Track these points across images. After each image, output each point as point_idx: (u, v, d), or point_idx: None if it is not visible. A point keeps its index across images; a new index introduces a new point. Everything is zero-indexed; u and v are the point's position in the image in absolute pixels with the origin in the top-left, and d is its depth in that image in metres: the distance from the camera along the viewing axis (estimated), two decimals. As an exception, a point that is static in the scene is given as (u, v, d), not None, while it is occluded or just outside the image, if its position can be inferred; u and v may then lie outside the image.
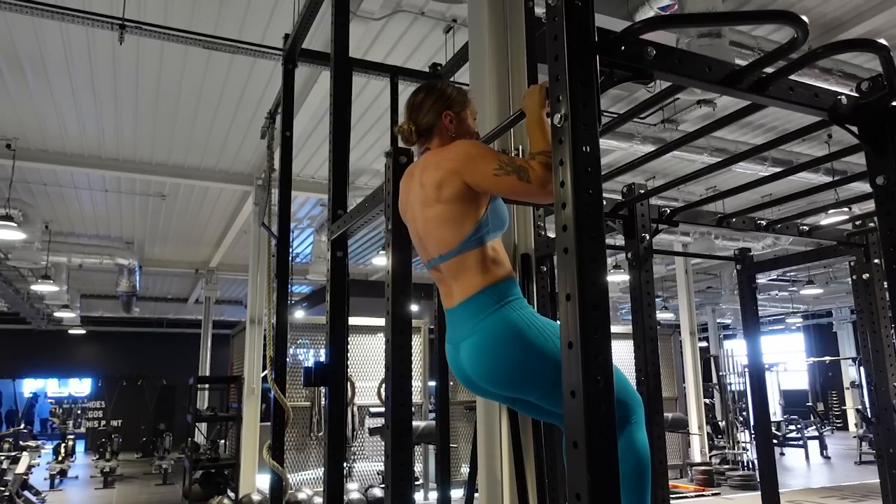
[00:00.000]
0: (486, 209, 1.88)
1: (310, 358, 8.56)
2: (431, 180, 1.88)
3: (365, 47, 5.57)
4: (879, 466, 2.76)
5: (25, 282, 12.75)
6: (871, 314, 2.89)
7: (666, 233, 9.08)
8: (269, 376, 3.71)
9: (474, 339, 1.83)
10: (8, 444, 8.54)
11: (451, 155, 1.88)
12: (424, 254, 2.00)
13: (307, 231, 11.32)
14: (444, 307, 1.98)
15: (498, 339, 1.79)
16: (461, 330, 1.89)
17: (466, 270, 1.86)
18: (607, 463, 1.13)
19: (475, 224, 1.85)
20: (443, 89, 2.07)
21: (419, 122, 2.03)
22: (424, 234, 1.94)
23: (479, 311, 1.83)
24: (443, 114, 2.00)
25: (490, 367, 1.81)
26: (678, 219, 2.83)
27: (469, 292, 1.86)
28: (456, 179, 1.83)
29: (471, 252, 1.86)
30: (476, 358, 1.83)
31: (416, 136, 2.04)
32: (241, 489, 7.94)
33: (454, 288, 1.91)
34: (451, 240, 1.87)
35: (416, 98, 2.07)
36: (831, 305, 19.38)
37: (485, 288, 1.84)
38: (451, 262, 1.88)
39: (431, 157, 1.95)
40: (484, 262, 1.86)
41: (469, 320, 1.85)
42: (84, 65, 5.91)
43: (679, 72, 1.49)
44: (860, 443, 11.84)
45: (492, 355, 1.80)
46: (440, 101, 2.02)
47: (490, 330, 1.80)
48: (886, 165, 1.60)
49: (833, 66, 5.25)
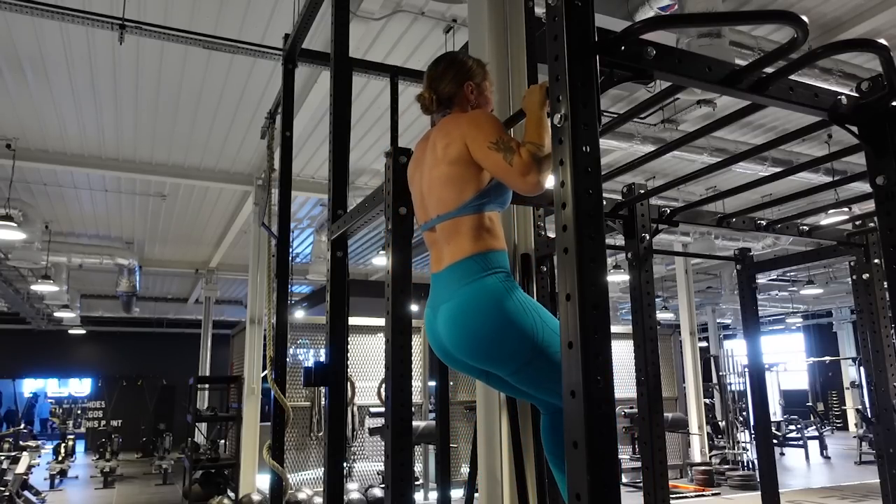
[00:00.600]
0: (490, 180, 1.88)
1: (310, 358, 8.56)
2: (442, 142, 1.91)
3: (365, 47, 5.57)
4: (879, 466, 2.76)
5: (25, 282, 12.75)
6: (871, 314, 2.89)
7: (666, 233, 9.08)
8: (269, 376, 3.71)
9: (454, 302, 1.82)
10: (8, 444, 8.53)
11: (464, 120, 1.91)
12: (423, 214, 2.00)
13: (307, 231, 11.32)
14: (432, 271, 1.98)
15: (477, 306, 1.77)
16: (443, 293, 1.88)
17: (460, 234, 1.86)
18: (607, 463, 1.13)
19: (477, 190, 1.86)
20: (464, 60, 2.09)
21: (440, 91, 2.05)
22: (427, 193, 1.95)
23: (464, 275, 1.82)
24: (464, 84, 2.03)
25: (465, 334, 1.79)
26: (678, 219, 2.83)
27: (458, 256, 1.85)
28: (461, 143, 1.86)
29: (468, 217, 1.86)
30: (452, 322, 1.82)
31: (435, 104, 2.06)
32: (241, 489, 7.94)
33: (445, 251, 1.90)
34: (452, 201, 1.88)
35: (437, 68, 2.08)
36: (831, 305, 19.38)
37: (474, 254, 1.83)
38: (448, 223, 1.89)
39: (449, 121, 1.97)
40: (479, 230, 1.86)
41: (452, 284, 1.84)
42: (84, 65, 5.91)
43: (679, 72, 1.49)
44: (860, 443, 11.84)
45: (468, 321, 1.78)
46: (462, 72, 2.05)
47: (471, 295, 1.79)
48: (886, 165, 1.60)
49: (833, 66, 5.25)
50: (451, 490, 3.17)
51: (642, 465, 2.63)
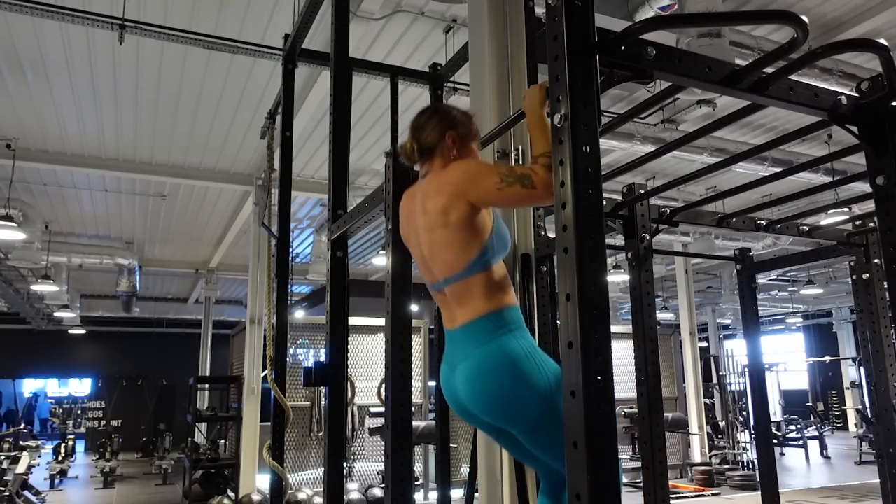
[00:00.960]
0: (491, 233, 1.87)
1: (310, 358, 8.56)
2: (435, 206, 1.87)
3: (365, 47, 5.57)
4: (879, 466, 2.76)
5: (25, 282, 12.75)
6: (871, 314, 2.89)
7: (666, 233, 9.08)
8: (269, 376, 3.71)
9: (470, 363, 1.82)
10: (8, 444, 8.53)
11: (452, 178, 1.87)
12: (429, 276, 1.99)
13: (307, 231, 11.32)
14: (445, 328, 1.97)
15: (494, 366, 1.78)
16: (459, 353, 1.88)
17: (471, 295, 1.86)
18: (607, 463, 1.13)
19: (481, 248, 1.85)
20: (448, 110, 2.07)
21: (422, 141, 2.02)
22: (430, 258, 1.94)
23: (479, 336, 1.82)
24: (446, 133, 1.99)
25: (482, 393, 1.80)
26: (678, 219, 2.83)
27: (471, 316, 1.85)
28: (461, 202, 1.82)
29: (476, 276, 1.85)
30: (470, 382, 1.82)
31: (417, 154, 2.03)
32: (241, 489, 7.94)
33: (457, 312, 1.90)
34: (457, 263, 1.86)
35: (420, 118, 2.07)
36: (831, 305, 19.38)
37: (487, 313, 1.83)
38: (456, 285, 1.88)
39: (433, 182, 1.94)
40: (489, 287, 1.85)
41: (468, 344, 1.84)
42: (84, 65, 5.91)
43: (679, 72, 1.49)
44: (860, 443, 11.83)
45: (485, 381, 1.79)
46: (444, 121, 2.02)
47: (488, 356, 1.79)
48: (886, 165, 1.60)
49: (833, 66, 5.25)
50: (451, 490, 3.17)
51: (642, 465, 2.63)
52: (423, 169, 2.04)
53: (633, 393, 2.80)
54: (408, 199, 2.05)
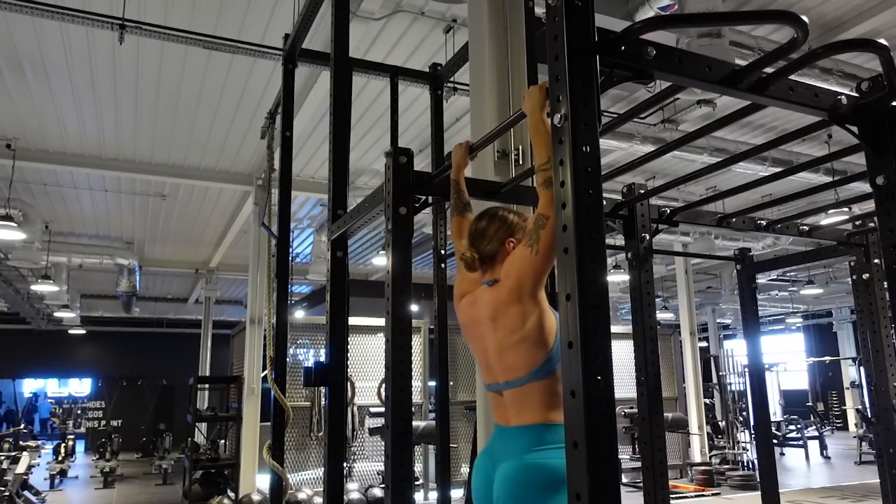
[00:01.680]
0: (556, 337, 1.88)
1: (310, 358, 8.56)
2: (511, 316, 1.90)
3: (365, 47, 5.57)
4: (879, 466, 2.76)
5: (25, 282, 12.75)
6: (871, 314, 2.89)
7: (666, 233, 9.08)
8: (269, 376, 3.71)
9: (518, 465, 1.84)
10: (8, 444, 8.53)
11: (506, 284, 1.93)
12: (489, 376, 2.02)
13: (307, 231, 11.32)
14: (496, 422, 2.01)
15: (541, 479, 1.79)
16: (506, 450, 1.90)
17: (530, 401, 1.88)
18: (607, 463, 1.13)
19: (546, 354, 1.87)
20: (504, 216, 2.10)
21: (482, 250, 2.06)
22: (497, 359, 1.97)
23: (533, 442, 1.84)
24: (506, 241, 2.04)
25: (516, 498, 1.81)
26: (678, 219, 2.83)
27: (528, 421, 1.87)
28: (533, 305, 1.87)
29: (538, 382, 1.87)
30: (509, 483, 1.84)
31: (479, 263, 2.07)
32: (241, 489, 7.94)
33: (511, 414, 1.93)
34: (522, 368, 1.88)
35: (479, 225, 2.10)
36: (831, 305, 19.38)
37: (547, 423, 1.85)
38: (517, 390, 1.90)
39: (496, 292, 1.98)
40: (548, 396, 1.86)
41: (520, 445, 1.86)
42: (84, 65, 5.91)
43: (679, 72, 1.49)
44: (860, 443, 11.84)
45: (528, 490, 1.80)
46: (503, 230, 2.06)
47: (534, 466, 1.81)
48: (886, 165, 1.60)
49: (833, 66, 5.25)
50: (451, 490, 3.17)
51: (642, 465, 2.63)
52: (484, 275, 2.08)
53: (633, 393, 2.80)
54: (469, 303, 2.11)
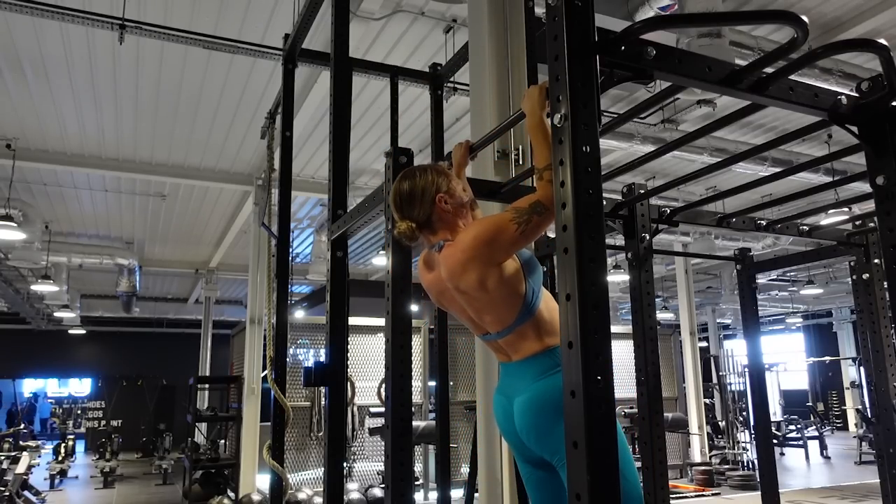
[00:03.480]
0: (525, 278, 1.88)
1: (310, 358, 8.56)
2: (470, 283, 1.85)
3: (365, 47, 5.57)
4: (879, 466, 2.76)
5: (25, 282, 12.75)
6: (871, 314, 2.89)
7: (666, 233, 9.08)
8: (269, 376, 3.71)
9: (529, 395, 1.87)
10: (8, 444, 8.53)
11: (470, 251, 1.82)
12: (477, 330, 2.03)
13: (307, 231, 11.32)
14: (500, 360, 2.03)
15: (554, 400, 1.82)
16: (517, 385, 1.93)
17: (524, 340, 1.90)
18: (607, 463, 1.13)
19: (522, 300, 1.87)
20: (423, 175, 1.97)
21: (417, 218, 1.95)
22: (477, 318, 1.97)
23: (539, 371, 1.88)
24: (436, 198, 1.94)
25: (535, 426, 1.86)
26: (678, 219, 2.83)
27: (527, 354, 1.90)
28: (493, 268, 1.83)
29: (526, 324, 1.89)
30: (528, 413, 1.88)
31: (418, 231, 1.96)
32: (241, 489, 7.94)
33: (512, 352, 1.95)
34: (507, 317, 1.89)
35: (401, 193, 1.96)
36: (831, 305, 19.37)
37: (543, 351, 1.88)
38: (509, 337, 1.92)
39: (452, 257, 1.89)
40: (540, 330, 1.89)
41: (525, 377, 1.90)
42: (84, 65, 5.91)
43: (679, 72, 1.49)
44: (860, 443, 11.83)
45: (544, 414, 1.84)
46: (428, 190, 1.94)
47: (545, 390, 1.85)
48: (886, 165, 1.60)
49: (833, 66, 5.25)
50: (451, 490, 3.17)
51: (642, 465, 2.63)
52: (430, 241, 1.99)
53: (633, 393, 2.80)
54: (425, 269, 2.06)
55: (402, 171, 2.03)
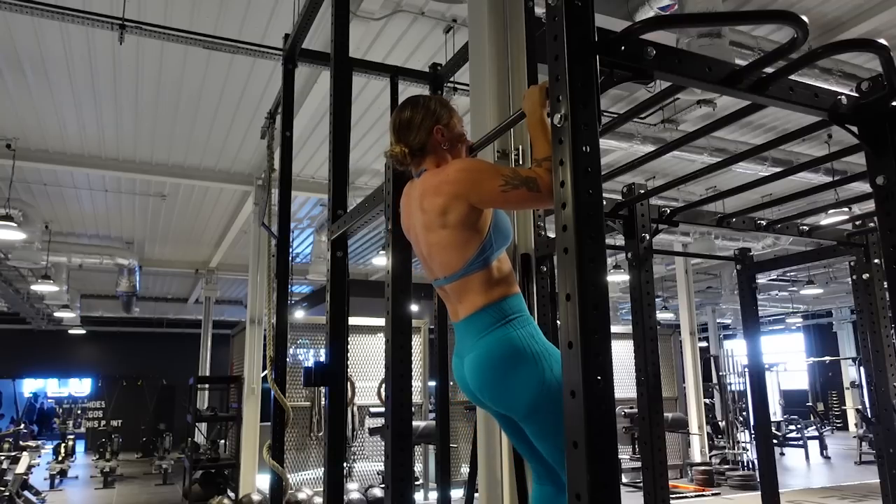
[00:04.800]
0: (489, 230, 1.87)
1: (310, 358, 8.56)
2: (434, 206, 1.86)
3: (365, 47, 5.57)
4: (879, 466, 2.76)
5: (25, 282, 12.75)
6: (871, 314, 2.89)
7: (666, 233, 9.08)
8: (269, 376, 3.71)
9: (475, 353, 1.86)
10: (8, 444, 8.53)
11: (451, 178, 1.85)
12: (430, 273, 2.01)
13: (307, 231, 11.32)
14: (452, 320, 2.00)
15: (496, 356, 1.81)
16: (466, 343, 1.92)
17: (470, 291, 1.87)
18: (607, 463, 1.13)
19: (479, 247, 1.85)
20: (426, 104, 2.03)
21: (411, 143, 1.98)
22: (429, 257, 1.95)
23: (482, 327, 1.85)
24: (433, 129, 1.97)
25: (485, 382, 1.84)
26: (678, 219, 2.83)
27: (473, 309, 1.87)
28: (460, 203, 1.82)
29: (475, 274, 1.86)
30: (476, 372, 1.86)
31: (409, 157, 1.99)
32: (241, 489, 7.94)
33: (458, 307, 1.93)
34: (456, 263, 1.87)
35: (401, 117, 2.02)
36: (831, 305, 19.38)
37: (488, 305, 1.85)
38: (456, 283, 1.89)
39: (430, 180, 1.92)
40: (488, 283, 1.87)
41: (472, 335, 1.88)
42: (84, 65, 5.91)
43: (679, 72, 1.49)
44: (860, 443, 11.83)
45: (485, 371, 1.83)
46: (428, 117, 1.98)
47: (490, 346, 1.83)
48: (886, 165, 1.60)
49: (833, 66, 5.24)
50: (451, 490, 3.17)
51: (642, 465, 2.63)
52: (417, 168, 2.02)
53: (633, 393, 2.80)
54: (406, 194, 2.05)
55: (408, 98, 2.08)
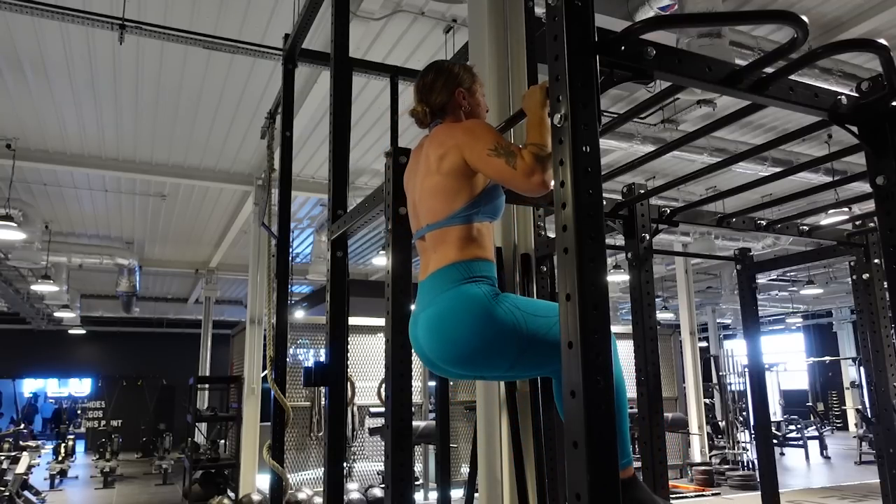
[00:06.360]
0: (482, 190, 1.88)
1: (310, 358, 8.56)
2: (436, 153, 1.90)
3: (365, 47, 5.57)
4: (879, 466, 2.76)
5: (25, 282, 12.75)
6: (871, 314, 2.89)
7: (666, 233, 9.08)
8: (269, 376, 3.71)
9: (431, 310, 1.82)
10: (8, 444, 8.53)
11: (458, 130, 1.90)
12: (415, 223, 2.01)
13: (307, 231, 11.32)
14: (419, 279, 1.96)
15: (454, 313, 1.76)
16: (423, 301, 1.88)
17: (447, 243, 1.87)
18: (607, 463, 1.13)
19: (467, 200, 1.86)
20: (450, 68, 2.08)
21: (432, 103, 2.04)
22: (419, 202, 1.96)
23: (444, 283, 1.82)
24: (455, 91, 2.02)
25: (444, 343, 1.79)
26: (678, 219, 2.83)
27: (442, 263, 1.85)
28: (456, 153, 1.85)
29: (456, 227, 1.86)
30: (431, 331, 1.81)
31: (430, 117, 2.05)
32: (241, 489, 7.94)
33: (431, 259, 1.91)
34: (441, 211, 1.88)
35: (425, 79, 2.07)
36: (831, 305, 19.38)
37: (456, 262, 1.83)
38: (437, 232, 1.89)
39: (442, 130, 1.96)
40: (465, 240, 1.86)
41: (433, 291, 1.84)
42: (84, 65, 5.91)
43: (679, 72, 1.49)
44: (860, 443, 11.84)
45: (447, 329, 1.77)
46: (451, 80, 2.03)
47: (448, 303, 1.79)
48: (886, 165, 1.60)
49: (833, 66, 5.25)
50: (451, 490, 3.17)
51: (642, 465, 2.62)
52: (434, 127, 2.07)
53: (634, 393, 2.80)
54: (416, 149, 2.07)
55: (433, 62, 2.12)
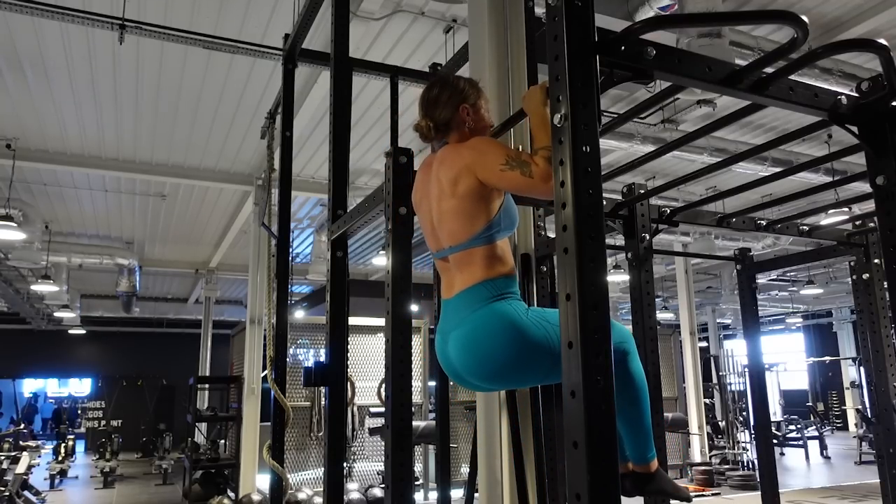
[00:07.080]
0: (499, 209, 1.90)
1: (310, 358, 8.56)
2: (447, 176, 1.91)
3: (365, 47, 5.57)
4: (879, 466, 2.76)
5: (25, 282, 12.75)
6: (871, 314, 2.89)
7: (666, 233, 9.08)
8: (269, 376, 3.71)
9: (464, 329, 1.85)
10: (8, 444, 8.53)
11: (466, 151, 1.90)
12: (435, 244, 2.02)
13: (307, 231, 11.32)
14: (443, 298, 1.99)
15: (488, 331, 1.80)
16: (452, 320, 1.91)
17: (472, 264, 1.89)
18: (607, 463, 1.13)
19: (487, 222, 1.88)
20: (455, 83, 2.08)
21: (436, 118, 2.04)
22: (438, 225, 1.97)
23: (473, 302, 1.85)
24: (459, 107, 2.02)
25: (478, 360, 1.82)
26: (678, 219, 2.83)
27: (468, 283, 1.88)
28: (469, 175, 1.86)
29: (479, 248, 1.88)
30: (463, 350, 1.85)
31: (434, 131, 2.05)
32: (241, 489, 7.94)
33: (456, 279, 1.93)
34: (462, 233, 1.89)
35: (430, 94, 2.07)
36: (831, 305, 19.37)
37: (484, 280, 1.86)
38: (460, 254, 1.91)
39: (449, 152, 1.97)
40: (489, 258, 1.89)
41: (462, 310, 1.87)
42: (84, 65, 5.91)
43: (679, 72, 1.49)
44: (860, 443, 11.84)
45: (481, 347, 1.81)
46: (455, 95, 2.03)
47: (481, 321, 1.82)
48: (886, 165, 1.60)
49: (833, 66, 5.24)
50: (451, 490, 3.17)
51: (642, 465, 2.62)
52: (440, 144, 2.07)
53: (633, 393, 2.79)
54: (425, 167, 2.08)
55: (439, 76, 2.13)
